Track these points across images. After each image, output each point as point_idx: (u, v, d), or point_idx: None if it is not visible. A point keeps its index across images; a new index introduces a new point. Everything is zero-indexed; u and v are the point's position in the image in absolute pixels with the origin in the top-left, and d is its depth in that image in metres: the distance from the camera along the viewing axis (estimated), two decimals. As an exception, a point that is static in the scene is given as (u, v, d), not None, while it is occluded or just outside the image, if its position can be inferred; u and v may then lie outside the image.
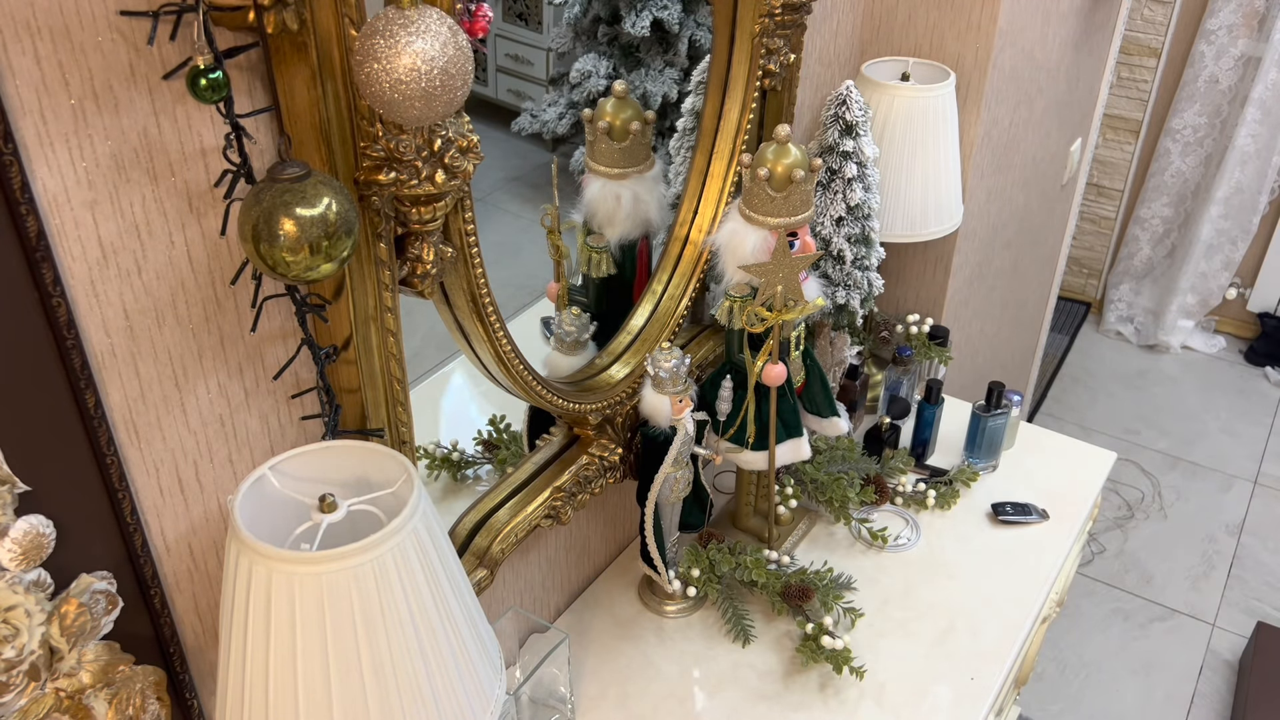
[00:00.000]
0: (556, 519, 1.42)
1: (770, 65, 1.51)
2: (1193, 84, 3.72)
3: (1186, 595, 3.03)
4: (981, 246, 2.21)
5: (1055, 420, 3.67)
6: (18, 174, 0.74)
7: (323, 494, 0.91)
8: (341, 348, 1.01)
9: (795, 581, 1.56)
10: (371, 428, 1.07)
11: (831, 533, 1.75)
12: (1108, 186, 3.99)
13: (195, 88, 0.78)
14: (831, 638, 1.48)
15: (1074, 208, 2.88)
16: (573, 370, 1.48)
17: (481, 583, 1.31)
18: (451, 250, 1.06)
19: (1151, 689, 2.76)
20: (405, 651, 0.86)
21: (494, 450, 1.44)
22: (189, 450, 0.96)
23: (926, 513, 1.79)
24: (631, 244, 1.49)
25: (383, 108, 0.79)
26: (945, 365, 1.96)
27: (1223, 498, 3.37)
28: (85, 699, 0.91)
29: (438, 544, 0.89)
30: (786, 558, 1.62)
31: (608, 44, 1.41)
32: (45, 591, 0.85)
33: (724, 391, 1.53)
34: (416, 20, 0.77)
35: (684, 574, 1.58)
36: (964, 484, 1.83)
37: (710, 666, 1.53)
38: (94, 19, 0.76)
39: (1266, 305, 3.96)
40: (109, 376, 0.86)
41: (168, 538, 0.97)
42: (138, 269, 0.85)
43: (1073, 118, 2.54)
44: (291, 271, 0.82)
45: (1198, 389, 3.85)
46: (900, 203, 1.80)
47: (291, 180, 0.82)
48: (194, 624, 1.03)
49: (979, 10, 1.81)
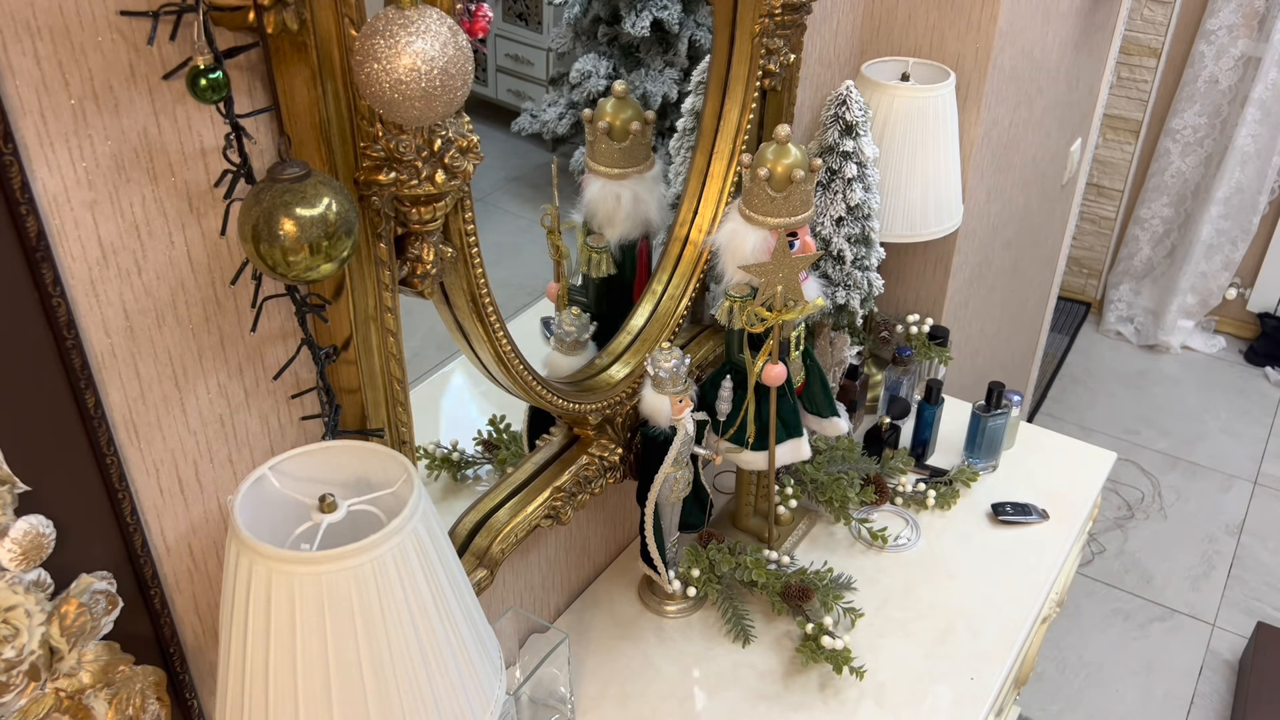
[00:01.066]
0: (556, 519, 1.42)
1: (770, 65, 1.51)
2: (1193, 84, 3.72)
3: (1186, 595, 3.03)
4: (981, 246, 2.21)
5: (1055, 420, 3.67)
6: (18, 174, 0.74)
7: (323, 494, 0.91)
8: (341, 348, 1.01)
9: (795, 581, 1.56)
10: (371, 428, 1.07)
11: (831, 533, 1.75)
12: (1108, 186, 3.99)
13: (195, 88, 0.78)
14: (831, 638, 1.48)
15: (1074, 208, 2.88)
16: (573, 370, 1.48)
17: (481, 583, 1.32)
18: (451, 250, 1.06)
19: (1151, 689, 2.76)
20: (405, 651, 0.86)
21: (494, 450, 1.44)
22: (189, 450, 0.96)
23: (926, 513, 1.79)
24: (631, 244, 1.49)
25: (383, 108, 0.79)
26: (945, 365, 1.97)
27: (1223, 498, 3.37)
28: (85, 699, 0.91)
29: (438, 544, 0.89)
30: (786, 558, 1.62)
31: (608, 44, 1.41)
32: (45, 591, 0.85)
33: (724, 391, 1.53)
34: (416, 20, 0.77)
35: (684, 574, 1.58)
36: (964, 484, 1.83)
37: (710, 666, 1.53)
38: (94, 19, 0.76)
39: (1266, 305, 3.96)
40: (109, 376, 0.86)
41: (168, 538, 0.97)
42: (138, 269, 0.85)
43: (1073, 118, 2.54)
44: (291, 271, 0.82)
45: (1198, 389, 3.85)
46: (900, 203, 1.80)
47: (291, 180, 0.82)
48: (194, 624, 1.03)
49: (979, 10, 1.81)
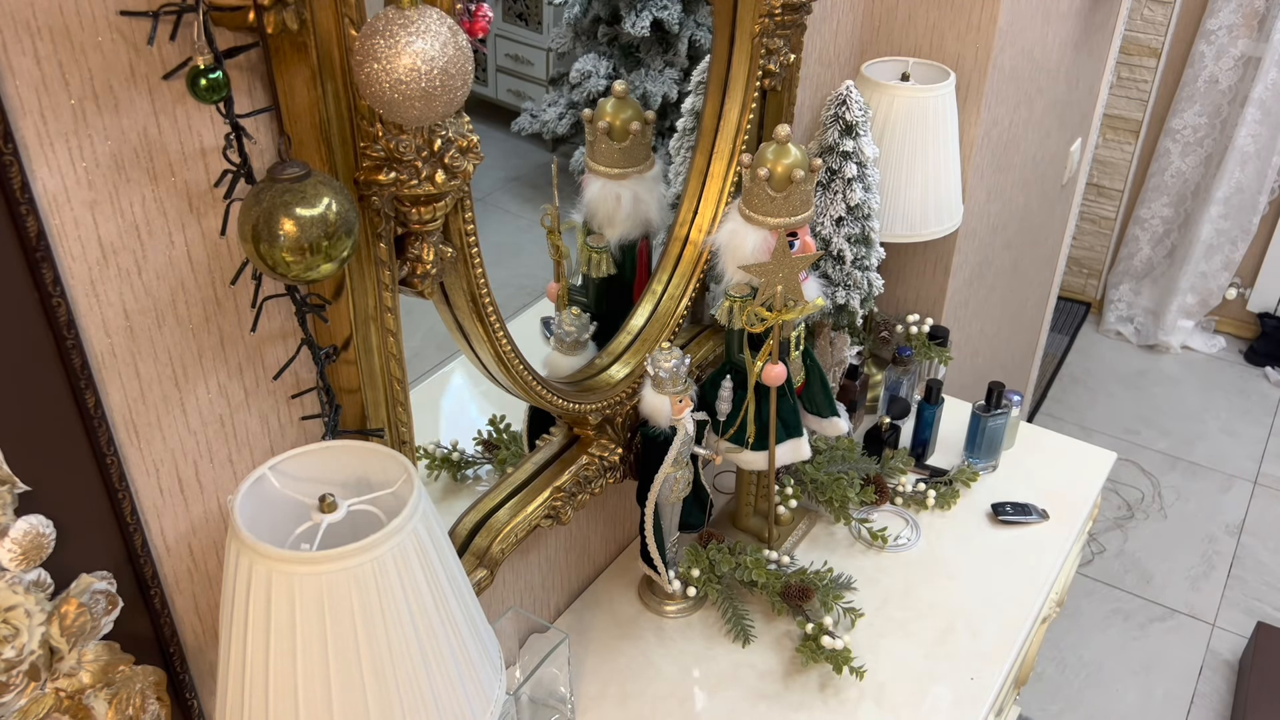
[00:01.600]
0: (556, 519, 1.42)
1: (770, 65, 1.51)
2: (1193, 84, 3.72)
3: (1186, 595, 3.03)
4: (981, 246, 2.21)
5: (1055, 420, 3.67)
6: (18, 174, 0.74)
7: (323, 494, 0.91)
8: (341, 348, 1.01)
9: (795, 581, 1.56)
10: (371, 428, 1.07)
11: (831, 533, 1.75)
12: (1108, 186, 3.99)
13: (195, 88, 0.78)
14: (831, 638, 1.48)
15: (1074, 208, 2.88)
16: (573, 370, 1.48)
17: (481, 583, 1.32)
18: (451, 250, 1.06)
19: (1151, 689, 2.76)
20: (405, 651, 0.86)
21: (494, 450, 1.44)
22: (189, 450, 0.96)
23: (926, 513, 1.79)
24: (631, 244, 1.49)
25: (383, 108, 0.79)
26: (945, 365, 1.97)
27: (1223, 498, 3.37)
28: (85, 699, 0.91)
29: (438, 544, 0.89)
30: (786, 558, 1.62)
31: (608, 44, 1.41)
32: (45, 591, 0.85)
33: (724, 391, 1.53)
34: (416, 20, 0.77)
35: (684, 574, 1.58)
36: (964, 484, 1.83)
37: (710, 666, 1.53)
38: (94, 19, 0.76)
39: (1266, 305, 3.96)
40: (109, 376, 0.86)
41: (168, 538, 0.97)
42: (138, 269, 0.85)
43: (1073, 118, 2.54)
44: (291, 271, 0.82)
45: (1198, 389, 3.85)
46: (900, 203, 1.80)
47: (291, 180, 0.81)
48: (194, 624, 1.03)
49: (979, 10, 1.81)
